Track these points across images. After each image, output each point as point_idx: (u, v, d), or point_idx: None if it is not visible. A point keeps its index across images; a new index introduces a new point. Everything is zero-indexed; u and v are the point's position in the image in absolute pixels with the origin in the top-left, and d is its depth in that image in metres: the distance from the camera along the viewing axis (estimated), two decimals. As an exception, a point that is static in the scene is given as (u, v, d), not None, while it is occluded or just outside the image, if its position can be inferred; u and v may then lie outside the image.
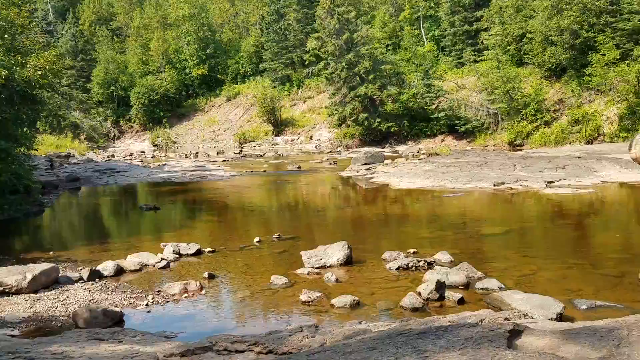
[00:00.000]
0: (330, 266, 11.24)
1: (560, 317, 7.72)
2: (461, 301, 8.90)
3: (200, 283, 10.35)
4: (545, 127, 36.93)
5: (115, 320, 8.67)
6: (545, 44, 39.39)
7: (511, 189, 20.89)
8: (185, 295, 9.91)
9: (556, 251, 12.15)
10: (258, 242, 13.92)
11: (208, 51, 71.39)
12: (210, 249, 13.20)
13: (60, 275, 10.83)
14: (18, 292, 9.94)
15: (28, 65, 18.08)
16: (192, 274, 11.32)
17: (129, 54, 77.31)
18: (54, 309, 9.34)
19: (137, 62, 73.80)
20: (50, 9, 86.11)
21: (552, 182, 21.12)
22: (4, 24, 19.31)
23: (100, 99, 72.54)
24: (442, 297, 9.04)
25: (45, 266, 10.66)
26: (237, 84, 71.29)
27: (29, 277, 10.06)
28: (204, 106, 71.56)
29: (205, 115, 69.88)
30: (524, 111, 37.63)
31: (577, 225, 15.31)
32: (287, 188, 26.19)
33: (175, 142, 64.27)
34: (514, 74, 38.84)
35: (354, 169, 29.53)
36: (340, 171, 30.26)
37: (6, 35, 18.85)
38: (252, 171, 32.91)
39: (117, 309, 9.03)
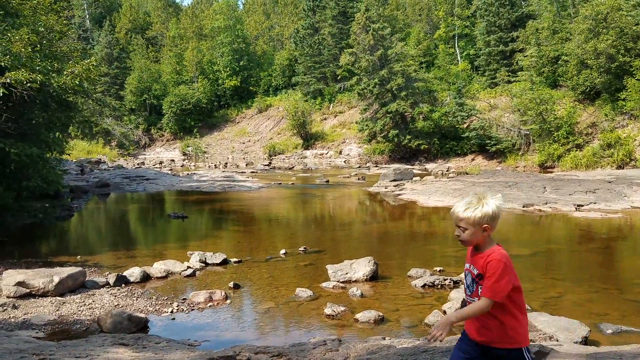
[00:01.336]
0: (355, 281, 11.19)
1: (586, 341, 7.62)
2: (487, 321, 8.78)
3: (225, 292, 10.34)
4: (576, 150, 36.56)
5: (139, 326, 8.69)
6: (580, 67, 39.11)
7: (540, 210, 20.67)
8: (210, 304, 9.91)
9: (583, 274, 12.00)
10: (284, 254, 13.92)
11: (241, 63, 71.89)
12: (236, 259, 13.20)
13: (86, 279, 10.89)
14: (44, 294, 9.98)
15: (65, 72, 18.19)
16: (217, 283, 11.33)
17: (163, 63, 78.19)
18: (80, 312, 9.37)
19: (170, 72, 74.61)
20: (87, 16, 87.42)
21: (582, 205, 20.87)
22: (43, 30, 19.51)
23: (133, 107, 73.41)
24: (467, 317, 8.94)
25: (72, 270, 10.69)
26: (269, 96, 71.72)
27: (56, 280, 10.10)
28: (235, 117, 72.03)
29: (236, 126, 70.30)
30: (556, 133, 37.30)
31: (605, 250, 15.10)
32: (314, 201, 26.18)
33: (205, 152, 64.76)
34: (548, 96, 38.50)
35: (382, 185, 29.44)
36: (368, 187, 30.18)
37: (44, 42, 19.01)
38: (280, 183, 32.98)
39: (142, 315, 9.04)
